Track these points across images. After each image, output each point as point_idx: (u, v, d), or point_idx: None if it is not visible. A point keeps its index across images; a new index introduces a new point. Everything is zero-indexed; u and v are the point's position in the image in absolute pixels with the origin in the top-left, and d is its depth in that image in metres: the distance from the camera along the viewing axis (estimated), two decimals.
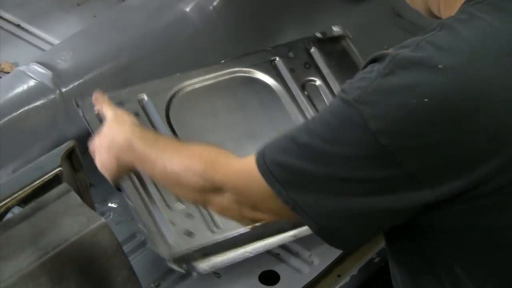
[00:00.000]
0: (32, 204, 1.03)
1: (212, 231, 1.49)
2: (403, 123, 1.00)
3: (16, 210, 1.04)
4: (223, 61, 1.82)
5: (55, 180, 1.08)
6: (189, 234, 1.47)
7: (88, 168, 1.33)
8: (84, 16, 2.24)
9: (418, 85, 1.00)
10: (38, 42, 2.15)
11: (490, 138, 1.00)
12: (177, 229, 1.46)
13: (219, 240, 1.48)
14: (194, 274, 1.46)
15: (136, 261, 1.57)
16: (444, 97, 0.99)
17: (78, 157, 1.15)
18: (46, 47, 2.09)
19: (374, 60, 1.05)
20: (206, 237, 1.47)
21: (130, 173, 1.43)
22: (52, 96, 1.73)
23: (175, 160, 1.20)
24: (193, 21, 2.01)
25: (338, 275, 1.54)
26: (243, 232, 1.47)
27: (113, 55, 1.86)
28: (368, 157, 1.02)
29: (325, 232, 1.08)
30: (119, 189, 1.46)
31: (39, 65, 1.76)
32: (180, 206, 1.49)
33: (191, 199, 1.25)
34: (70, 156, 1.13)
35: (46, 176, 1.08)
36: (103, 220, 1.02)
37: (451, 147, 1.00)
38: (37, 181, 1.06)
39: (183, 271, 1.43)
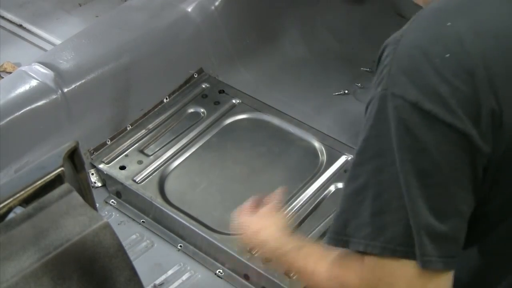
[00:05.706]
0: (34, 204, 1.03)
1: None
2: (437, 83, 1.00)
3: (18, 210, 1.04)
4: None
5: (57, 180, 1.08)
6: None
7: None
8: (86, 16, 2.25)
9: (436, 44, 1.01)
10: (40, 42, 2.16)
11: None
12: None
13: None
14: None
15: (138, 261, 1.57)
16: (461, 48, 1.00)
17: (80, 157, 1.14)
18: (48, 47, 2.10)
19: (383, 51, 1.05)
20: None
21: None
22: (54, 96, 1.74)
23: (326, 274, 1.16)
24: (194, 21, 2.02)
25: None
26: None
27: (115, 55, 1.86)
28: (417, 130, 0.99)
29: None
30: None
31: (41, 65, 1.77)
32: None
33: None
34: (72, 156, 1.13)
35: (48, 176, 1.07)
36: (105, 220, 1.02)
37: (479, 94, 1.00)
38: (39, 181, 1.06)
39: None
